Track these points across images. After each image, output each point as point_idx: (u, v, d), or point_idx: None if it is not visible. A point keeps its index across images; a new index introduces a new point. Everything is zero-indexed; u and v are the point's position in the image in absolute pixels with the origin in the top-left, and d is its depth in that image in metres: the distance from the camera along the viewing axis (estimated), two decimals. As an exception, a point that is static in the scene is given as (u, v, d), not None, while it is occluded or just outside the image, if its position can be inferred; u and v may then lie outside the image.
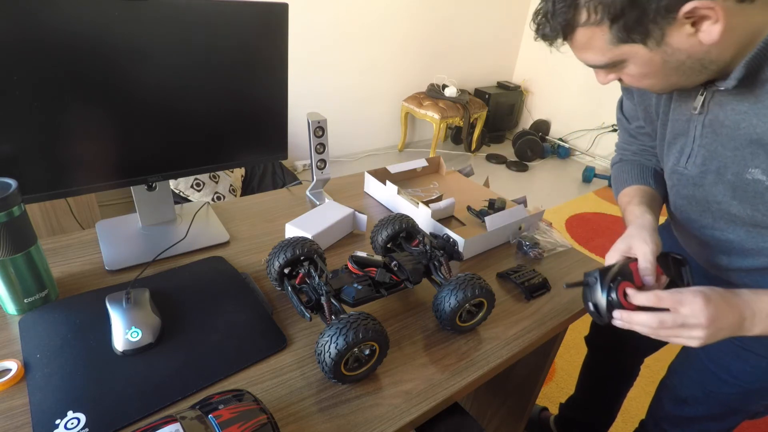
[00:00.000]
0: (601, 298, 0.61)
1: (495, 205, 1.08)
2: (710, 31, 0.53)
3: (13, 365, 0.58)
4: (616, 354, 1.16)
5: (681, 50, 0.56)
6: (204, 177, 2.06)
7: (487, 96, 3.79)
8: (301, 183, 2.36)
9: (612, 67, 0.62)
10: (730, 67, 0.59)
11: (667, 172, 0.80)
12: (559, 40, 0.64)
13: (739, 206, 0.67)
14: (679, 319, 0.58)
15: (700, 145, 0.69)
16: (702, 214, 0.75)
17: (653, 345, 1.07)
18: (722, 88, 0.61)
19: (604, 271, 0.63)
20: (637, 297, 0.61)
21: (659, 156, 0.82)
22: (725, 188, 0.68)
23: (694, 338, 0.59)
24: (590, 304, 0.63)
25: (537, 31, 0.65)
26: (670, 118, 0.75)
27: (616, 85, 0.73)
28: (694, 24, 0.53)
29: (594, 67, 0.64)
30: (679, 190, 0.78)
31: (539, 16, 0.63)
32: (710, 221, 0.74)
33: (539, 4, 0.63)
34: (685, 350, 0.91)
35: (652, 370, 1.79)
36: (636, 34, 0.55)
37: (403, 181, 1.23)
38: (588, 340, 1.24)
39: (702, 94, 0.66)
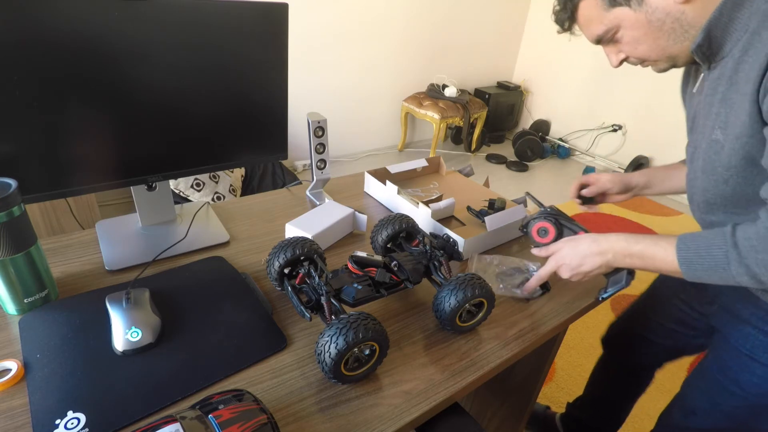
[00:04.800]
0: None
1: (495, 205, 1.08)
2: None
3: (13, 365, 0.58)
4: (632, 357, 1.14)
5: (659, 8, 0.66)
6: (204, 177, 2.06)
7: (487, 96, 3.79)
8: (301, 183, 2.36)
9: (612, 37, 0.72)
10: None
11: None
12: (575, 26, 0.76)
13: (705, 179, 0.73)
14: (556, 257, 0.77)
15: (699, 122, 0.75)
16: (692, 198, 0.81)
17: (675, 350, 1.06)
18: (706, 66, 0.69)
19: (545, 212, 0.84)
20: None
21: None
22: (700, 163, 0.74)
23: (565, 265, 0.75)
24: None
25: (556, 21, 0.76)
26: (689, 104, 0.82)
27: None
28: None
29: (600, 41, 0.74)
30: (687, 174, 0.83)
31: (554, 7, 0.76)
32: (700, 205, 0.79)
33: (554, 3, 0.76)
34: (700, 363, 0.91)
35: (664, 379, 1.79)
36: None
37: (403, 181, 1.23)
38: (604, 340, 1.22)
39: (701, 75, 0.74)
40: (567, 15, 0.74)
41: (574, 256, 0.75)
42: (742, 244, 0.61)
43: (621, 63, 0.77)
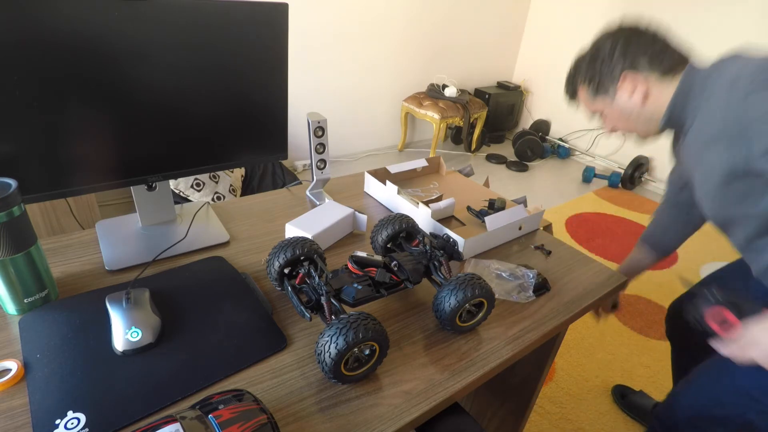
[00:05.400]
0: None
1: (495, 205, 1.08)
2: (637, 95, 0.86)
3: (13, 365, 0.58)
4: (693, 344, 1.19)
5: (628, 104, 0.88)
6: (204, 177, 2.06)
7: (487, 96, 3.79)
8: (301, 183, 2.36)
9: (602, 114, 0.95)
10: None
11: None
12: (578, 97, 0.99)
13: (714, 209, 0.86)
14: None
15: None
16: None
17: None
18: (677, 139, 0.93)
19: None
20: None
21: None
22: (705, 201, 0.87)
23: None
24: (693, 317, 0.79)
25: (566, 93, 1.00)
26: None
27: None
28: (628, 90, 0.87)
29: (594, 115, 0.98)
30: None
31: (565, 85, 1.00)
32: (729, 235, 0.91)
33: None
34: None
35: (652, 370, 1.79)
36: (600, 91, 0.91)
37: (403, 181, 1.23)
38: (668, 335, 1.31)
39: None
40: (570, 93, 0.98)
41: None
42: None
43: (613, 131, 0.97)
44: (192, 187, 2.03)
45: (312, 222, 0.89)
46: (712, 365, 0.94)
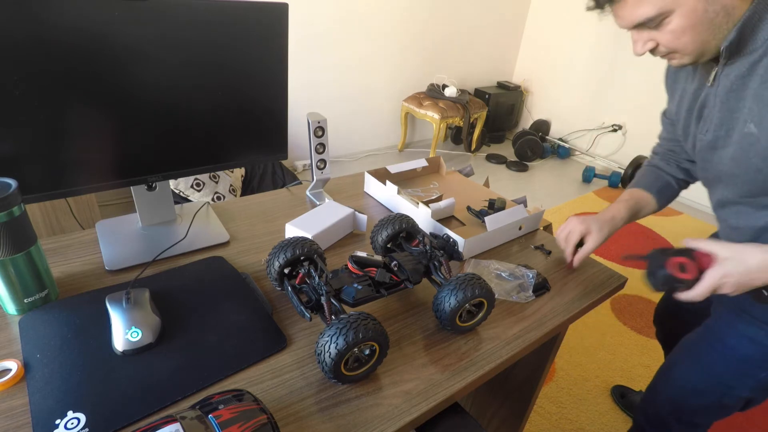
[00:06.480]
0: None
1: (495, 205, 1.08)
2: None
3: (13, 365, 0.58)
4: (683, 325, 1.18)
5: (716, 0, 0.64)
6: (204, 177, 2.06)
7: (487, 96, 3.79)
8: (301, 183, 2.36)
9: (657, 24, 0.68)
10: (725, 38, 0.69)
11: (691, 146, 0.88)
12: (606, 6, 0.72)
13: (735, 166, 0.76)
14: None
15: (714, 113, 0.77)
16: (718, 188, 0.84)
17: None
18: (720, 54, 0.70)
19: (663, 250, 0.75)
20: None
21: (683, 134, 0.90)
22: (731, 151, 0.76)
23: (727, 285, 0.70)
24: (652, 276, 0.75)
25: None
26: (696, 93, 0.83)
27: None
28: None
29: (640, 26, 0.70)
30: (699, 164, 0.87)
31: None
32: (726, 194, 0.82)
33: None
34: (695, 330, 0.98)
35: (652, 371, 1.79)
36: None
37: (403, 181, 1.23)
38: (658, 335, 1.33)
39: (715, 69, 0.75)
40: None
41: (743, 273, 0.68)
42: None
43: (646, 52, 0.74)
44: (192, 187, 2.03)
45: (312, 222, 0.89)
46: (685, 357, 0.96)
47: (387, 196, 1.09)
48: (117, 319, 0.63)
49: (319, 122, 1.00)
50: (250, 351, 0.64)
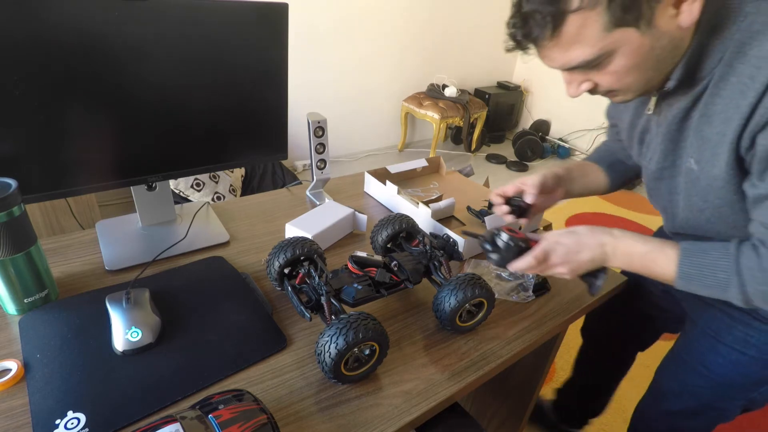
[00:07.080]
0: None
1: (495, 205, 1.08)
2: (690, 11, 0.56)
3: (13, 365, 0.58)
4: (608, 345, 1.22)
5: (665, 34, 0.57)
6: (204, 177, 2.06)
7: (487, 96, 3.79)
8: (301, 183, 2.36)
9: (595, 65, 0.60)
10: (672, 73, 0.63)
11: (638, 167, 0.87)
12: (530, 47, 0.64)
13: (685, 199, 0.73)
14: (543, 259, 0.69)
15: (657, 142, 0.74)
16: (666, 207, 0.81)
17: (643, 342, 1.15)
18: (666, 89, 0.65)
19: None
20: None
21: (630, 152, 0.87)
22: (675, 183, 0.74)
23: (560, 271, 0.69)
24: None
25: (516, 33, 0.62)
26: (634, 121, 0.81)
27: None
28: (675, 5, 0.56)
29: (575, 68, 0.62)
30: (647, 191, 0.85)
31: (517, 18, 0.60)
32: (674, 225, 0.80)
33: (512, 9, 0.61)
34: (671, 349, 0.96)
35: (651, 370, 1.78)
36: (631, 14, 0.54)
37: (403, 181, 1.23)
38: (582, 330, 1.30)
39: (654, 96, 0.71)
40: (542, 29, 0.57)
41: (573, 243, 0.68)
42: (746, 272, 0.61)
43: (582, 93, 0.67)
44: (192, 187, 2.03)
45: (312, 222, 0.89)
46: (672, 384, 0.94)
47: (387, 196, 1.08)
48: (117, 319, 0.63)
49: (319, 122, 1.00)
50: (250, 351, 0.64)
